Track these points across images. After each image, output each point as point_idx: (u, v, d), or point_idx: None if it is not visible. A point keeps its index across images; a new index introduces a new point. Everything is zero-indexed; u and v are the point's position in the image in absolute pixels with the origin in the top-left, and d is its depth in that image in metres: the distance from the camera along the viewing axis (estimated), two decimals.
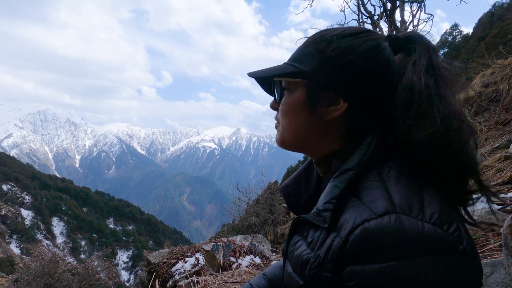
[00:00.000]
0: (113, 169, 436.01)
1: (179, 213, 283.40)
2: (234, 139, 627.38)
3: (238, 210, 11.73)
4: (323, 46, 0.64)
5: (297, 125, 0.67)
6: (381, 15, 5.16)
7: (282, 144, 0.71)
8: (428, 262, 0.42)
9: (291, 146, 0.71)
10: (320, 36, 0.65)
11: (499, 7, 26.81)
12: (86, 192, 78.33)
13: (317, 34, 0.67)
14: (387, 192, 0.51)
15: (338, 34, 0.63)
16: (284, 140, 0.70)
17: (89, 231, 66.40)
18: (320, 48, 0.63)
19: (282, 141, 0.70)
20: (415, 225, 0.44)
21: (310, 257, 0.55)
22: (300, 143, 0.69)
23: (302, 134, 0.67)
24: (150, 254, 3.61)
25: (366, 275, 0.44)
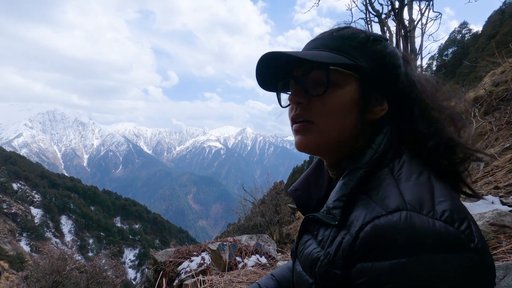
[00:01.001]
0: (120, 168, 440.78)
1: (185, 213, 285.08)
2: (240, 139, 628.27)
3: (243, 210, 11.74)
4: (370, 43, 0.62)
5: (345, 125, 0.61)
6: (389, 14, 5.10)
7: (316, 148, 0.64)
8: (439, 260, 0.41)
9: (325, 149, 0.64)
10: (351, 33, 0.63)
11: (510, 5, 26.25)
12: (93, 191, 79.41)
13: (347, 30, 0.64)
14: (398, 189, 0.50)
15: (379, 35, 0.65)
16: (321, 142, 0.62)
17: (97, 230, 67.34)
18: (368, 45, 0.62)
19: (318, 144, 0.62)
20: (425, 222, 0.44)
21: (320, 255, 0.55)
22: (337, 145, 0.63)
23: (345, 136, 0.62)
24: (157, 253, 3.63)
25: (377, 272, 0.44)
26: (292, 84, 0.66)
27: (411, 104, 0.62)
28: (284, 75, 0.68)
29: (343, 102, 0.60)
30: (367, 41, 0.62)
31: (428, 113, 0.61)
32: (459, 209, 0.47)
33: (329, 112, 0.60)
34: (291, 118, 0.65)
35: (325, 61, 0.58)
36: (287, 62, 0.64)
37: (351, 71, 0.60)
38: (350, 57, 0.60)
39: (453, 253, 0.42)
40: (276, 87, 0.71)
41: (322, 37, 0.65)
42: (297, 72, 0.64)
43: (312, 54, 0.59)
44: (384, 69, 0.62)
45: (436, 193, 0.49)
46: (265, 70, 0.66)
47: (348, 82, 0.60)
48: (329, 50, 0.61)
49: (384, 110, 0.62)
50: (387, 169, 0.56)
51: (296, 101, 0.62)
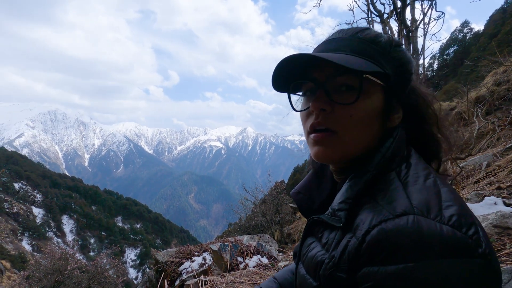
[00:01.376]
0: (121, 168, 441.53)
1: (186, 212, 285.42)
2: (241, 138, 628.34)
3: (244, 210, 11.75)
4: (393, 49, 0.61)
5: (368, 136, 0.59)
6: (391, 14, 5.07)
7: (338, 160, 0.62)
8: (446, 265, 0.41)
9: (346, 160, 0.62)
10: (374, 36, 0.61)
11: (511, 4, 26.16)
12: (95, 190, 79.54)
13: (370, 32, 0.62)
14: (405, 193, 0.50)
15: (398, 40, 0.64)
16: (344, 155, 0.60)
17: (98, 229, 67.47)
18: (390, 51, 0.61)
19: (340, 156, 0.60)
20: (433, 226, 0.43)
21: (324, 258, 0.54)
22: (357, 155, 0.61)
23: (368, 146, 0.60)
24: (158, 253, 3.64)
25: (383, 276, 0.44)
26: (308, 86, 0.64)
27: (417, 108, 0.64)
28: (299, 76, 0.64)
29: (370, 111, 0.58)
30: (390, 46, 0.61)
31: (431, 116, 0.64)
32: (467, 213, 0.47)
33: (355, 122, 0.57)
34: (310, 125, 0.61)
35: (360, 68, 0.54)
36: (305, 63, 0.61)
37: (379, 79, 0.58)
38: (378, 64, 0.58)
39: (461, 258, 0.42)
40: (288, 88, 0.66)
41: (344, 38, 0.62)
42: (318, 75, 0.61)
43: (343, 58, 0.56)
44: (403, 77, 0.62)
45: (443, 197, 0.49)
46: (282, 71, 0.62)
47: (375, 91, 0.59)
48: (355, 54, 0.59)
49: (400, 117, 0.62)
50: (394, 173, 0.55)
51: (320, 107, 0.59)
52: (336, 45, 0.61)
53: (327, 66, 0.59)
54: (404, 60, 0.62)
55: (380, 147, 0.59)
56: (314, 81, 0.61)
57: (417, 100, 0.64)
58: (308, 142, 0.64)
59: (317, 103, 0.59)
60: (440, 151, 0.65)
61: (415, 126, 0.64)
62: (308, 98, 0.64)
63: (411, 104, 0.64)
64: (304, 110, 0.64)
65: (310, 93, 0.63)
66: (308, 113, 0.62)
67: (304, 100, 0.66)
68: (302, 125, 0.66)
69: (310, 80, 0.61)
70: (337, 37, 0.63)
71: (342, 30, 0.64)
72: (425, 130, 0.64)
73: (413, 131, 0.64)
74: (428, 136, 0.64)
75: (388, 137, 0.60)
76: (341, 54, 0.58)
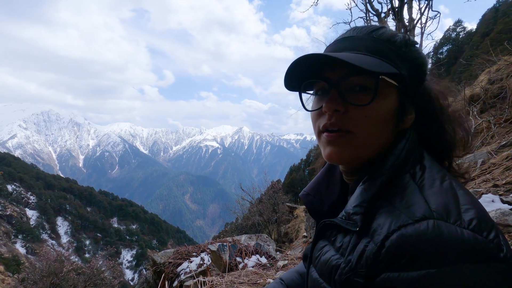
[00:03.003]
0: (116, 168, 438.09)
1: (182, 213, 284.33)
2: (237, 138, 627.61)
3: (241, 209, 11.74)
4: (408, 49, 0.60)
5: (383, 137, 0.59)
6: (388, 13, 5.10)
7: (351, 161, 0.61)
8: (469, 270, 0.40)
9: (359, 161, 0.61)
10: (390, 35, 0.60)
11: (503, 3, 26.50)
12: (90, 191, 78.79)
13: (385, 31, 0.61)
14: (422, 196, 0.49)
15: (413, 39, 0.62)
16: (358, 155, 0.59)
17: (93, 231, 66.97)
18: (405, 50, 0.60)
19: (354, 157, 0.59)
20: (453, 231, 0.43)
21: (340, 262, 0.54)
22: (370, 157, 0.60)
23: (381, 147, 0.59)
24: (156, 254, 3.62)
25: (404, 282, 0.43)
26: (319, 86, 0.63)
27: (429, 109, 0.63)
28: (311, 75, 0.62)
29: (385, 112, 0.57)
30: (404, 45, 0.60)
31: (444, 116, 0.63)
32: (486, 217, 0.46)
33: (370, 123, 0.56)
34: (323, 125, 0.60)
35: (376, 69, 0.53)
36: (318, 62, 0.60)
37: (394, 80, 0.57)
38: (393, 64, 0.57)
39: (483, 263, 0.41)
40: (299, 86, 0.65)
41: (359, 37, 0.60)
42: (331, 74, 0.59)
43: (359, 59, 0.55)
44: (418, 77, 0.61)
45: (461, 200, 0.48)
46: (295, 69, 0.60)
47: (390, 92, 0.58)
48: (370, 54, 0.58)
49: (413, 119, 0.61)
50: (408, 175, 0.55)
51: (334, 108, 0.57)
52: (350, 44, 0.60)
53: (341, 66, 0.58)
54: (419, 61, 0.61)
55: (393, 148, 0.58)
56: (327, 81, 0.59)
57: (430, 100, 0.63)
58: (320, 142, 0.63)
59: (330, 104, 0.57)
60: (451, 150, 0.64)
61: (427, 126, 0.63)
62: (320, 97, 0.63)
63: (423, 104, 0.63)
64: (316, 110, 0.62)
65: (322, 93, 0.62)
66: (320, 113, 0.61)
67: (315, 100, 0.65)
68: (312, 124, 0.65)
69: (323, 79, 0.60)
70: (351, 36, 0.61)
71: (356, 28, 0.63)
72: (436, 130, 0.63)
73: (424, 132, 0.63)
74: (439, 136, 0.63)
75: (401, 139, 0.59)
76: (356, 54, 0.57)
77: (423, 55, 0.62)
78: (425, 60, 0.62)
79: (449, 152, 0.64)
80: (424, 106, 0.63)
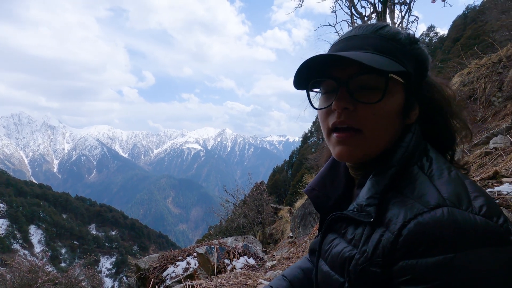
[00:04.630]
0: (94, 173, 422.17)
1: (164, 217, 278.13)
2: (219, 140, 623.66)
3: (226, 212, 11.66)
4: (412, 46, 0.61)
5: (390, 133, 0.60)
6: (370, 16, 5.28)
7: (361, 158, 0.61)
8: (485, 254, 0.42)
9: (368, 158, 0.62)
10: (395, 33, 0.61)
11: (471, 10, 28.13)
12: (65, 197, 75.46)
13: (390, 29, 0.62)
14: (434, 186, 0.51)
15: (415, 37, 0.63)
16: (368, 153, 0.60)
17: (70, 238, 64.13)
18: (410, 47, 0.61)
19: (364, 154, 0.60)
20: (467, 217, 0.44)
21: (354, 253, 0.54)
22: (379, 152, 0.61)
23: (389, 142, 0.60)
24: (140, 260, 3.52)
25: (422, 269, 0.44)
26: (327, 84, 0.63)
27: (431, 102, 0.64)
28: (319, 74, 0.63)
29: (392, 110, 0.58)
30: (409, 43, 0.61)
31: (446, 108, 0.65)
32: (494, 203, 0.48)
33: (378, 120, 0.57)
34: (332, 123, 0.61)
35: (387, 68, 0.55)
36: (324, 61, 0.60)
37: (401, 78, 0.58)
38: (399, 62, 0.58)
39: (497, 246, 0.43)
40: (306, 85, 0.66)
41: (366, 36, 0.61)
42: (340, 73, 0.60)
43: (369, 58, 0.55)
44: (421, 74, 0.63)
45: (469, 189, 0.50)
46: (304, 69, 0.61)
47: (397, 89, 0.59)
48: (378, 52, 0.58)
49: (417, 114, 0.63)
50: (416, 167, 0.56)
51: (343, 106, 0.58)
52: (357, 42, 0.61)
53: (350, 65, 0.58)
54: (422, 57, 0.62)
55: (400, 142, 0.59)
56: (336, 80, 0.60)
57: (432, 94, 0.64)
58: (329, 141, 0.64)
59: (340, 102, 0.58)
60: (454, 142, 0.66)
61: (429, 119, 0.65)
62: (328, 96, 0.63)
63: (425, 98, 0.64)
64: (325, 108, 0.63)
65: (330, 91, 0.63)
66: (329, 111, 0.62)
67: (322, 98, 0.65)
68: (321, 122, 0.66)
69: (332, 78, 0.61)
70: (357, 34, 0.62)
71: (361, 26, 0.64)
72: (439, 122, 0.65)
73: (426, 125, 0.65)
74: (442, 129, 0.65)
75: (407, 133, 0.61)
76: (366, 53, 0.58)
77: (425, 51, 0.63)
78: (428, 56, 0.64)
79: (452, 144, 0.66)
80: (428, 100, 0.64)
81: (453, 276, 0.42)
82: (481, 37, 13.51)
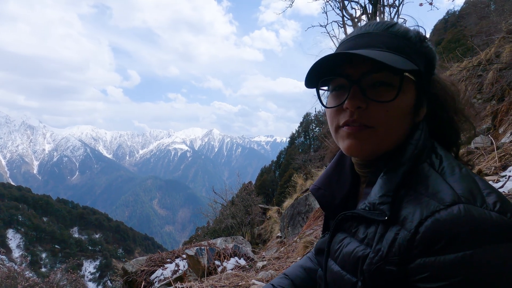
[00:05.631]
0: (76, 174, 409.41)
1: (150, 219, 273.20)
2: (207, 140, 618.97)
3: (214, 213, 11.58)
4: (422, 44, 0.62)
5: (401, 131, 0.60)
6: (360, 18, 5.38)
7: (371, 154, 0.61)
8: (503, 249, 0.42)
9: (377, 154, 0.61)
10: (405, 31, 0.62)
11: (451, 15, 29.23)
12: (46, 200, 72.69)
13: (400, 27, 0.62)
14: (447, 183, 0.51)
15: (423, 34, 0.63)
16: (379, 149, 0.60)
17: (51, 242, 61.87)
18: (420, 46, 0.61)
19: (374, 150, 0.60)
20: (483, 214, 0.45)
21: (367, 252, 0.54)
22: (388, 150, 0.61)
23: (400, 141, 0.60)
24: (127, 263, 3.43)
25: (441, 266, 0.44)
26: (338, 82, 0.63)
27: (438, 99, 0.65)
28: (329, 71, 0.62)
29: (404, 108, 0.58)
30: (419, 41, 0.62)
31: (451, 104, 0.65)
32: (506, 200, 0.48)
33: (391, 118, 0.57)
34: (343, 122, 0.60)
35: (401, 67, 0.54)
36: (336, 59, 0.59)
37: (413, 77, 0.59)
38: (412, 60, 0.58)
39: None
40: (316, 83, 0.65)
41: (377, 33, 0.61)
42: (352, 71, 0.59)
43: (384, 56, 0.55)
44: (430, 71, 0.63)
45: (481, 185, 0.50)
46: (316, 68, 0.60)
47: (409, 87, 0.59)
48: (391, 51, 0.58)
49: (425, 111, 0.63)
50: (427, 164, 0.56)
51: (357, 105, 0.58)
52: (370, 40, 0.60)
53: (363, 63, 0.58)
54: (431, 55, 0.63)
55: (410, 139, 0.59)
56: (348, 78, 0.59)
57: (438, 91, 0.65)
58: (337, 136, 0.63)
59: (353, 101, 0.58)
60: (458, 138, 0.66)
61: (435, 116, 0.65)
62: (338, 93, 0.63)
63: (433, 96, 0.64)
64: (337, 106, 0.62)
65: (341, 89, 0.62)
66: (339, 110, 0.61)
67: (332, 96, 0.64)
68: (329, 120, 0.65)
69: (343, 76, 0.60)
70: (369, 32, 0.62)
71: (371, 23, 0.64)
72: (444, 119, 0.65)
73: (432, 121, 0.65)
74: (447, 125, 0.65)
75: (416, 130, 0.61)
76: (379, 51, 0.57)
77: (433, 48, 0.64)
78: (435, 53, 0.64)
79: (456, 140, 0.66)
80: (435, 98, 0.64)
81: (472, 272, 0.42)
82: (461, 41, 14.06)
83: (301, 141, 37.17)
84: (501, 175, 2.09)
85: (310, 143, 34.03)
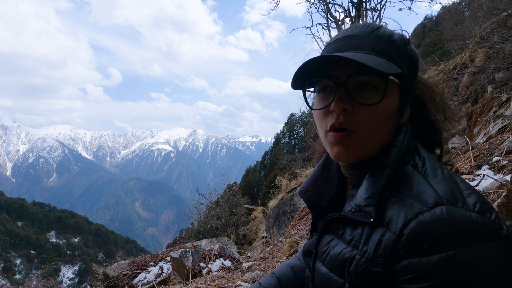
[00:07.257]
0: (54, 176, 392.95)
1: (132, 221, 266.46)
2: (191, 140, 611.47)
3: (199, 214, 11.45)
4: (406, 47, 0.63)
5: (386, 133, 0.61)
6: (343, 21, 5.51)
7: (357, 158, 0.62)
8: (484, 249, 0.44)
9: (364, 157, 0.62)
10: (390, 34, 0.62)
11: (429, 20, 30.44)
12: (20, 203, 69.21)
13: (385, 30, 0.63)
14: (430, 185, 0.52)
15: (407, 37, 0.64)
16: (364, 152, 0.61)
17: (26, 248, 59.04)
18: (404, 48, 0.62)
19: (360, 154, 0.61)
20: (464, 215, 0.46)
21: (354, 254, 0.55)
22: (375, 153, 0.62)
23: (384, 143, 0.61)
24: (108, 267, 3.32)
25: (425, 267, 0.45)
26: (324, 84, 0.63)
27: (421, 101, 0.66)
28: (316, 73, 0.62)
29: (388, 111, 0.59)
30: (404, 44, 0.63)
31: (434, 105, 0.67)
32: (485, 200, 0.49)
33: (375, 121, 0.58)
34: (330, 125, 0.61)
35: (387, 70, 0.55)
36: (323, 61, 0.60)
37: (398, 80, 0.60)
38: (396, 63, 0.59)
39: (493, 241, 0.44)
40: (303, 85, 0.66)
41: (364, 36, 0.62)
42: (339, 73, 0.60)
43: (370, 59, 0.56)
44: (414, 74, 0.65)
45: (461, 186, 0.51)
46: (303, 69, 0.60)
47: (394, 91, 0.60)
48: (376, 54, 0.59)
49: (408, 113, 0.64)
50: (410, 166, 0.57)
51: (343, 108, 0.58)
52: (356, 42, 0.61)
53: (349, 65, 0.58)
54: (415, 58, 0.64)
55: (394, 141, 0.60)
56: (334, 80, 0.60)
57: (421, 93, 0.66)
58: (325, 141, 0.64)
59: (339, 104, 0.58)
60: (441, 139, 0.67)
61: (417, 118, 0.66)
62: (324, 95, 0.63)
63: (416, 97, 0.66)
64: (323, 108, 0.62)
65: (326, 90, 0.63)
66: (326, 112, 0.62)
67: (319, 98, 0.65)
68: (317, 122, 0.66)
69: (330, 78, 0.61)
70: (355, 34, 0.63)
71: (357, 26, 0.64)
72: (427, 121, 0.67)
73: (415, 123, 0.66)
74: (430, 127, 0.67)
75: (399, 132, 0.62)
76: (365, 54, 0.58)
77: (417, 52, 0.65)
78: (419, 56, 0.65)
79: (439, 141, 0.68)
80: (417, 99, 0.66)
81: (456, 272, 0.43)
82: (438, 45, 14.66)
83: (286, 142, 37.46)
84: (476, 174, 2.18)
85: (295, 144, 34.37)
